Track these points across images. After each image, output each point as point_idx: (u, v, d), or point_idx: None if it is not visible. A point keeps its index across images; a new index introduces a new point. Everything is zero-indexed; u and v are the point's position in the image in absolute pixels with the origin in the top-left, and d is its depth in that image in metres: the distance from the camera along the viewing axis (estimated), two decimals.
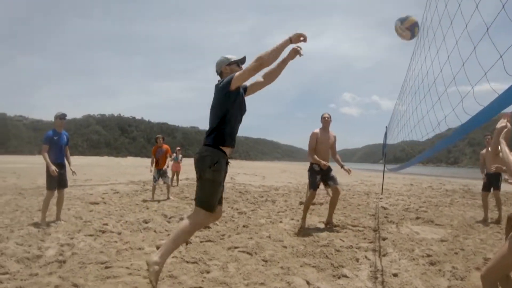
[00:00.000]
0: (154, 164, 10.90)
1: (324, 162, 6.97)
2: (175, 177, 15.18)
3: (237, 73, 3.55)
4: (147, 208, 9.05)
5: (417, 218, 8.70)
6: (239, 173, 28.94)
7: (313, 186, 7.04)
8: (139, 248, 5.28)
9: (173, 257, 4.74)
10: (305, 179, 10.80)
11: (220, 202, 3.80)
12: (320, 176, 7.05)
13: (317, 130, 7.29)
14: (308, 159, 7.23)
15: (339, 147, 7.82)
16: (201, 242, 5.75)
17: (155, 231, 6.48)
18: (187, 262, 4.71)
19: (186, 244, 5.44)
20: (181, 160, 15.70)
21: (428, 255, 5.33)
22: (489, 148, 8.11)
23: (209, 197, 3.61)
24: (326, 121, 7.35)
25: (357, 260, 5.08)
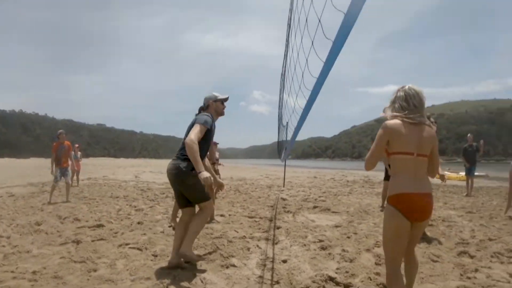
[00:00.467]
0: (55, 163, 9.88)
1: None
2: (74, 177, 14.11)
3: (197, 127, 4.25)
4: (42, 210, 8.27)
5: (315, 207, 8.90)
6: (145, 171, 28.06)
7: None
8: (27, 251, 4.94)
9: (60, 257, 4.57)
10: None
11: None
12: None
13: None
14: None
15: (248, 144, 7.64)
16: (92, 241, 5.42)
17: (46, 233, 6.00)
18: (75, 262, 4.45)
19: (77, 244, 5.22)
20: (80, 158, 14.65)
21: (320, 241, 5.41)
22: None
23: (203, 190, 4.30)
24: None
25: (248, 249, 5.01)
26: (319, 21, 2.71)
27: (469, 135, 13.15)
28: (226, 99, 4.75)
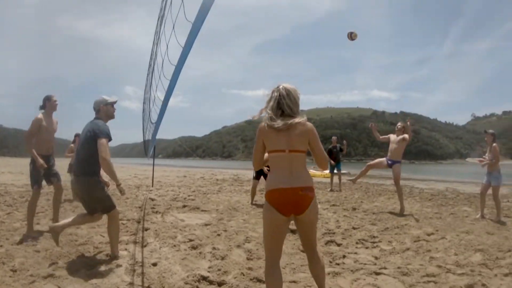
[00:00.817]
0: None
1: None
2: None
3: (104, 143, 4.38)
4: None
5: (184, 206, 8.78)
6: (4, 172, 24.89)
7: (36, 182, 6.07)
8: None
9: None
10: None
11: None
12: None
13: (40, 116, 5.92)
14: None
15: (117, 142, 7.13)
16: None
17: None
18: None
19: None
20: None
21: (190, 240, 5.34)
22: None
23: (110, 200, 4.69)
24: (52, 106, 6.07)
25: (116, 255, 4.65)
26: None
27: (333, 137, 14.52)
28: (115, 102, 4.85)
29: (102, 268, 4.14)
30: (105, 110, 4.72)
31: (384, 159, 8.85)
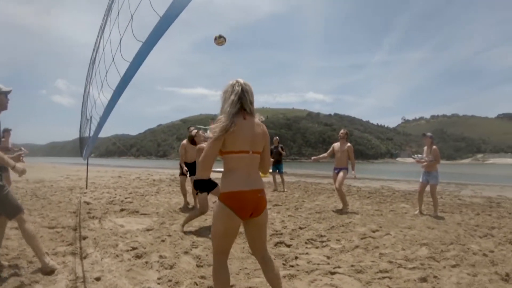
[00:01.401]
0: None
1: None
2: None
3: None
4: None
5: (122, 210, 8.35)
6: None
7: None
8: None
9: None
10: None
11: None
12: None
13: None
14: None
15: (47, 139, 6.58)
16: None
17: None
18: None
19: None
20: None
21: (134, 248, 5.03)
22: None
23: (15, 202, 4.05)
24: None
25: (53, 270, 4.22)
26: (132, 17, 2.57)
27: (275, 137, 14.48)
28: (9, 92, 4.29)
29: (39, 286, 3.74)
30: None
31: (334, 171, 8.92)
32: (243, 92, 2.83)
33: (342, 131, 9.04)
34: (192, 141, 6.87)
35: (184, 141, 9.30)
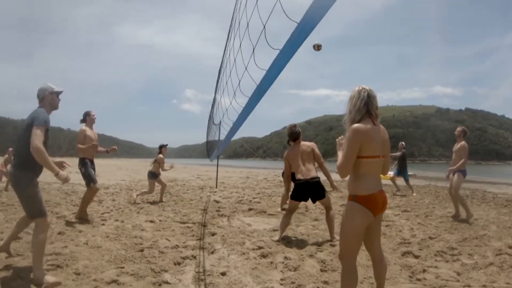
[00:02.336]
0: None
1: None
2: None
3: (37, 132, 3.89)
4: None
5: (250, 209, 8.57)
6: (71, 171, 26.23)
7: None
8: None
9: None
10: (141, 176, 9.94)
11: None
12: None
13: (84, 128, 7.62)
14: None
15: (179, 143, 7.18)
16: (6, 258, 4.52)
17: None
18: None
19: None
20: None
21: (260, 247, 5.05)
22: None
23: (40, 205, 4.00)
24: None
25: (183, 261, 4.51)
26: (264, 27, 2.71)
27: (400, 143, 13.92)
28: (61, 92, 4.44)
29: (168, 276, 3.95)
30: (50, 99, 4.32)
31: (450, 173, 8.06)
32: (369, 97, 2.91)
33: (458, 128, 8.11)
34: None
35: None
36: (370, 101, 2.90)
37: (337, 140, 3.37)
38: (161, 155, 10.10)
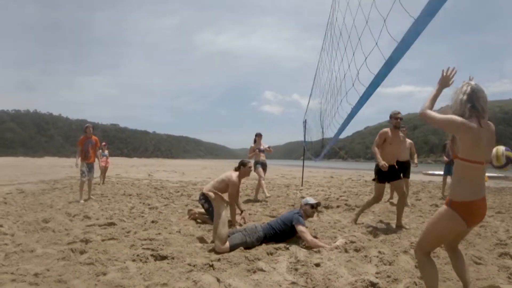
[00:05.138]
0: (81, 157, 9.41)
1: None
2: (96, 174, 13.93)
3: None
4: (51, 207, 7.94)
5: (338, 206, 8.56)
6: (158, 170, 27.75)
7: None
8: (31, 251, 4.56)
9: (65, 259, 4.17)
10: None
11: None
12: None
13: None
14: None
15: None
16: (102, 240, 5.01)
17: (53, 231, 5.63)
18: (82, 264, 4.03)
19: (86, 243, 4.80)
20: (107, 156, 14.50)
21: (352, 242, 5.01)
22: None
23: None
24: None
25: (275, 251, 4.63)
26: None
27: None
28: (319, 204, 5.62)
29: (262, 264, 4.05)
30: (304, 210, 5.33)
31: None
32: (476, 91, 2.74)
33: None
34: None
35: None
36: (477, 95, 2.74)
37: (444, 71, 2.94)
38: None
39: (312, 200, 5.38)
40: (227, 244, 4.62)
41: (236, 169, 6.65)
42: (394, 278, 3.72)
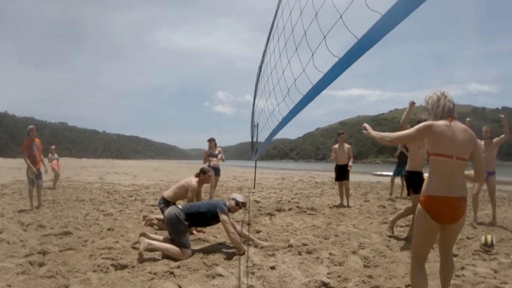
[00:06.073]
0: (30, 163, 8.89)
1: None
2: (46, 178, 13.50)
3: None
4: (2, 216, 7.56)
5: (290, 209, 8.82)
6: (109, 172, 27.02)
7: None
8: None
9: (25, 273, 4.05)
10: (178, 176, 10.33)
11: None
12: None
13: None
14: None
15: None
16: (60, 251, 4.92)
17: (8, 243, 5.39)
18: (43, 277, 3.96)
19: (44, 255, 4.67)
20: (58, 159, 14.03)
21: (304, 244, 5.26)
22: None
23: None
24: None
25: (232, 256, 4.80)
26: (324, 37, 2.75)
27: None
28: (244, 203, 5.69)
29: (220, 269, 4.21)
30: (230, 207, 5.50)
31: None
32: (448, 99, 3.00)
33: (484, 128, 7.73)
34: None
35: (336, 146, 10.04)
36: (447, 102, 2.99)
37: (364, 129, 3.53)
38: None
39: (240, 198, 5.58)
40: (181, 249, 4.78)
41: (197, 175, 6.81)
42: (344, 278, 4.00)
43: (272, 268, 4.27)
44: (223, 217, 5.11)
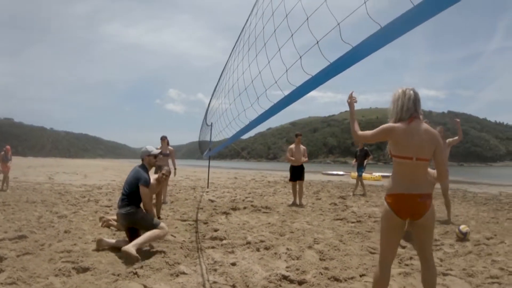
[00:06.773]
0: None
1: None
2: None
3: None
4: None
5: (245, 208, 9.02)
6: (58, 172, 26.05)
7: None
8: None
9: None
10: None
11: None
12: None
13: None
14: None
15: None
16: (18, 256, 4.73)
17: None
18: (3, 284, 3.85)
19: (1, 261, 4.48)
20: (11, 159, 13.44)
21: (261, 241, 5.48)
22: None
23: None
24: None
25: (193, 254, 4.91)
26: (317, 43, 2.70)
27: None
28: (157, 154, 5.72)
29: (183, 267, 4.30)
30: (147, 161, 5.57)
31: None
32: (415, 98, 2.96)
33: (438, 128, 8.20)
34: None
35: (292, 146, 10.44)
36: (416, 101, 2.95)
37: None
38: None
39: (154, 151, 5.65)
40: (158, 228, 5.11)
41: (155, 173, 7.05)
42: (302, 270, 4.24)
43: (233, 264, 4.44)
44: (143, 190, 5.19)
